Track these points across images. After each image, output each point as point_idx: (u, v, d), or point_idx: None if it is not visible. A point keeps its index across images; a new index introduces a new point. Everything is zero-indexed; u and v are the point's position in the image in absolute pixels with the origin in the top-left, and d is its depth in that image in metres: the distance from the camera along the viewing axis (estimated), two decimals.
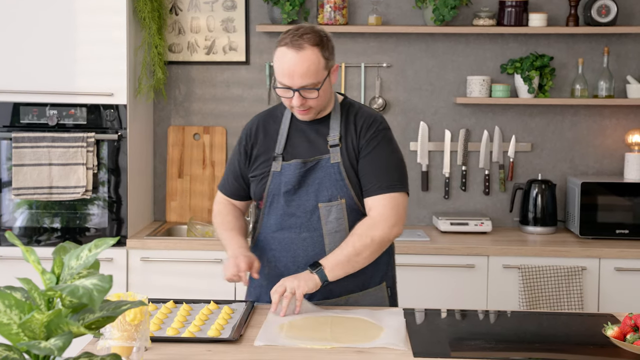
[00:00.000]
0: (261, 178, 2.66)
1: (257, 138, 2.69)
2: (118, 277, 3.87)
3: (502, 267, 3.84)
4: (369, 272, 2.66)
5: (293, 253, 2.62)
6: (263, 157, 2.67)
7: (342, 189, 2.59)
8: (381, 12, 4.33)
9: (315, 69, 2.50)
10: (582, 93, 4.25)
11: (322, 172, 2.60)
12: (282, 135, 2.66)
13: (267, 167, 2.65)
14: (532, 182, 4.23)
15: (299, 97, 2.51)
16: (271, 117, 2.73)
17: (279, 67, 2.52)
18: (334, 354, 2.11)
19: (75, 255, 1.53)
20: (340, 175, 2.59)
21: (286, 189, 2.60)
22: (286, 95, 2.54)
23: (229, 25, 4.39)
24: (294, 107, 2.56)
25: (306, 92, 2.51)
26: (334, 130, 2.63)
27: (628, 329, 2.14)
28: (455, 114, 4.40)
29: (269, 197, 2.64)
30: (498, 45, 4.36)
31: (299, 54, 2.48)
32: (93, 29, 3.88)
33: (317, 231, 2.60)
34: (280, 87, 2.53)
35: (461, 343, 2.32)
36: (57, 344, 1.42)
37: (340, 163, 2.60)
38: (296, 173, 2.59)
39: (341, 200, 2.60)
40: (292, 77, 2.49)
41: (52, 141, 3.84)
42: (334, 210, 2.59)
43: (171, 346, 2.15)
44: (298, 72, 2.48)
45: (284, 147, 2.64)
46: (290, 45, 2.49)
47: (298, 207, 2.61)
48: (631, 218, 4.03)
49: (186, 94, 4.44)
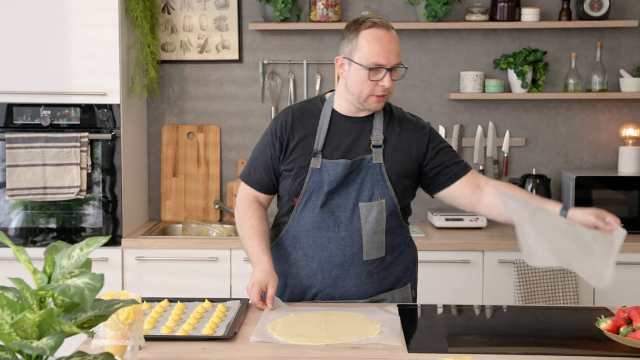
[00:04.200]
0: (296, 174, 2.60)
1: (294, 131, 2.62)
2: (113, 276, 3.87)
3: (497, 262, 3.84)
4: (399, 273, 2.67)
5: (330, 252, 2.59)
6: (299, 151, 2.61)
7: (383, 189, 2.58)
8: (374, 9, 4.33)
9: (400, 50, 2.56)
10: (575, 87, 4.26)
11: (364, 171, 2.58)
12: (322, 131, 2.60)
13: (303, 163, 2.59)
14: (526, 177, 4.23)
15: (390, 79, 2.50)
16: (307, 111, 2.66)
17: (371, 47, 2.49)
18: (329, 351, 2.11)
19: (67, 255, 1.53)
20: (382, 176, 2.58)
21: (330, 188, 2.56)
22: (377, 78, 2.50)
23: (222, 24, 4.39)
24: (378, 92, 2.52)
25: (394, 72, 2.52)
26: (378, 130, 2.61)
27: (621, 322, 2.15)
28: (449, 110, 4.40)
29: (306, 194, 2.59)
30: (491, 40, 4.37)
31: (389, 32, 2.53)
32: (85, 29, 3.88)
33: (356, 231, 2.58)
34: (373, 69, 2.49)
35: (457, 338, 2.32)
36: (49, 344, 1.42)
37: (382, 164, 2.58)
38: (342, 173, 2.56)
39: (381, 201, 2.58)
40: (389, 55, 2.49)
41: (45, 141, 3.84)
42: (374, 210, 2.58)
43: (165, 345, 2.14)
44: (393, 50, 2.51)
45: (323, 143, 2.59)
46: (379, 25, 2.52)
47: (338, 206, 2.58)
48: (626, 212, 4.03)
49: (180, 93, 4.44)
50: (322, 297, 2.62)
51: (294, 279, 2.64)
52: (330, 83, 4.38)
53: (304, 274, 2.62)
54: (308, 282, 2.62)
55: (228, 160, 4.44)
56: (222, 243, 3.90)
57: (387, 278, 2.65)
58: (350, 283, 2.60)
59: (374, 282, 2.62)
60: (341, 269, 2.59)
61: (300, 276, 2.63)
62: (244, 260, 3.85)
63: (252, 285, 2.51)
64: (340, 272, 2.59)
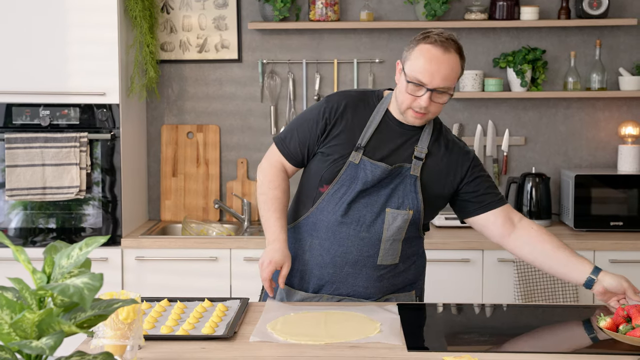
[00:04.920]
0: (332, 160, 2.56)
1: (344, 117, 2.57)
2: (113, 276, 3.87)
3: (497, 260, 3.84)
4: (408, 281, 2.66)
5: (346, 249, 2.56)
6: (341, 138, 2.57)
7: (413, 200, 2.56)
8: (373, 8, 4.33)
9: (455, 75, 2.46)
10: (574, 86, 4.26)
11: (399, 179, 2.55)
12: (371, 127, 2.57)
13: (343, 152, 2.55)
14: (526, 176, 4.23)
15: (428, 99, 2.44)
16: (362, 102, 2.61)
17: (419, 62, 2.43)
18: (329, 350, 2.11)
19: (66, 255, 1.53)
20: (415, 188, 2.56)
21: (363, 187, 2.54)
22: (416, 94, 2.46)
23: (221, 23, 4.39)
24: (416, 108, 2.47)
25: (437, 95, 2.45)
26: (423, 142, 2.58)
27: (621, 320, 2.15)
28: (448, 109, 4.40)
29: (337, 185, 2.55)
30: (490, 39, 4.37)
31: (445, 54, 2.43)
32: (84, 28, 3.88)
33: (377, 234, 2.55)
34: (413, 83, 2.45)
35: (456, 337, 2.32)
36: (48, 343, 1.42)
37: (418, 177, 2.56)
38: (380, 176, 2.53)
39: (409, 211, 2.56)
40: (433, 76, 2.42)
41: (45, 142, 3.84)
42: (400, 219, 2.55)
43: (165, 344, 2.14)
44: (441, 73, 2.42)
45: (368, 140, 2.56)
46: (439, 44, 2.43)
47: (366, 206, 2.55)
48: (625, 210, 4.04)
49: (179, 93, 4.44)
50: (329, 291, 2.60)
51: (304, 265, 2.61)
52: (329, 82, 4.38)
53: (315, 263, 2.59)
54: (318, 273, 2.59)
55: (227, 160, 4.44)
56: (221, 243, 3.89)
57: (396, 284, 2.64)
58: (360, 283, 2.59)
59: (382, 286, 2.61)
60: (354, 267, 2.58)
61: (311, 264, 2.60)
62: (243, 260, 3.85)
63: (268, 262, 2.48)
64: (353, 270, 2.58)
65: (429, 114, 2.50)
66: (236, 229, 4.30)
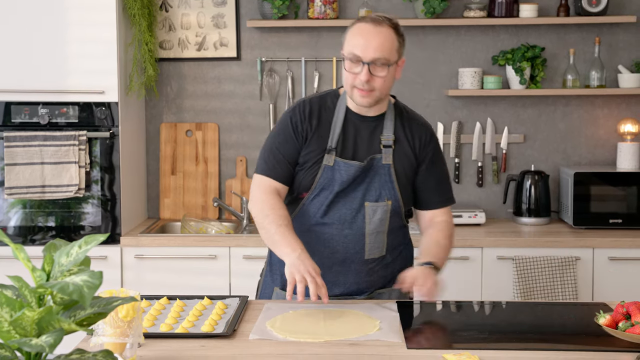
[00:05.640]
0: (309, 168, 2.58)
1: (312, 123, 2.59)
2: (112, 274, 3.87)
3: (496, 258, 3.84)
4: (398, 271, 2.65)
5: (332, 249, 2.58)
6: (314, 145, 2.58)
7: (390, 191, 2.58)
8: (371, 6, 4.33)
9: (390, 46, 2.48)
10: (573, 83, 4.26)
11: (373, 171, 2.57)
12: (337, 127, 2.58)
13: (317, 157, 2.57)
14: (525, 173, 4.23)
15: (367, 73, 2.46)
16: (323, 105, 2.63)
17: (352, 39, 2.48)
18: (328, 347, 2.11)
19: (66, 252, 1.53)
20: (390, 177, 2.58)
21: (340, 187, 2.55)
22: (354, 70, 2.48)
23: (220, 21, 4.39)
24: (357, 86, 2.49)
25: (376, 68, 2.47)
26: (388, 130, 2.60)
27: (620, 317, 2.15)
28: (447, 106, 4.40)
29: (316, 190, 2.57)
30: (489, 36, 4.36)
31: (376, 27, 2.48)
32: (83, 27, 3.87)
33: (360, 230, 2.57)
34: (350, 60, 2.47)
35: (456, 334, 2.32)
36: (48, 341, 1.42)
37: (391, 165, 2.58)
38: (354, 174, 2.55)
39: (387, 202, 2.58)
40: (366, 48, 2.45)
41: (44, 140, 3.84)
42: (379, 211, 2.57)
43: (165, 342, 2.14)
44: (373, 44, 2.45)
45: (337, 141, 2.57)
46: (370, 20, 2.50)
47: (345, 204, 2.57)
48: (624, 207, 4.04)
49: (178, 91, 4.44)
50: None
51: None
52: (328, 80, 4.38)
53: None
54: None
55: (226, 158, 4.44)
56: (221, 241, 3.89)
57: (386, 277, 2.66)
58: (350, 280, 2.61)
59: (373, 279, 2.63)
60: (342, 265, 2.60)
61: None
62: (242, 258, 3.85)
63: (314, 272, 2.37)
64: (342, 268, 2.60)
65: (375, 91, 2.51)
66: (235, 227, 4.30)
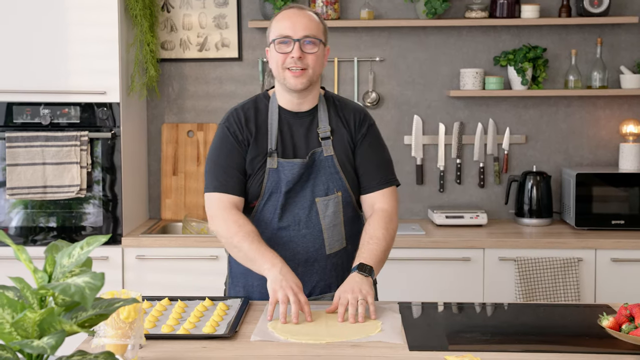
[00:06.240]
0: (254, 175, 2.57)
1: (250, 130, 2.59)
2: (114, 275, 3.86)
3: (498, 259, 3.84)
4: None
5: (292, 251, 2.58)
6: (255, 151, 2.58)
7: (337, 181, 2.59)
8: (373, 6, 4.32)
9: (317, 25, 2.54)
10: (575, 84, 4.25)
11: (317, 166, 2.58)
12: (273, 129, 2.59)
13: (260, 163, 2.57)
14: (526, 174, 4.23)
15: (299, 49, 2.49)
16: (256, 110, 2.62)
17: (279, 24, 2.53)
18: (330, 349, 2.10)
19: (67, 254, 1.53)
20: (335, 169, 2.58)
21: (288, 187, 2.55)
22: (286, 50, 2.51)
23: (221, 22, 4.39)
24: (289, 66, 2.50)
25: (306, 46, 2.51)
26: (324, 122, 2.61)
27: (623, 319, 2.14)
28: (449, 107, 4.40)
29: (266, 195, 2.58)
30: (491, 37, 4.36)
31: (301, 11, 2.55)
32: (85, 27, 3.87)
33: (317, 227, 2.58)
34: (281, 41, 2.50)
35: (458, 336, 2.32)
36: (49, 343, 1.41)
37: (333, 156, 2.58)
38: (299, 172, 2.55)
39: (337, 193, 2.59)
40: (295, 25, 2.50)
41: (45, 140, 3.84)
42: (331, 204, 2.58)
43: (166, 343, 2.14)
44: (301, 22, 2.51)
45: (276, 142, 2.58)
46: (293, 6, 2.57)
47: (296, 204, 2.57)
48: (627, 208, 4.03)
49: (179, 91, 4.44)
50: None
51: (259, 280, 2.56)
52: (330, 81, 4.38)
53: None
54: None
55: None
56: None
57: (350, 269, 2.63)
58: (316, 278, 2.61)
59: (338, 274, 2.62)
60: (306, 265, 2.59)
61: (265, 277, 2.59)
62: None
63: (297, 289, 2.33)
64: (305, 268, 2.59)
65: (308, 69, 2.52)
66: None
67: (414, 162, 4.41)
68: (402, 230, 3.97)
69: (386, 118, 4.40)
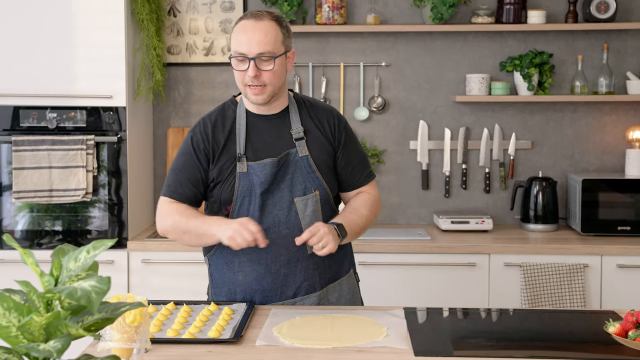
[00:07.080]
0: (225, 181, 2.57)
1: (216, 139, 2.58)
2: (119, 279, 3.86)
3: (503, 265, 3.83)
4: (340, 261, 2.70)
5: (275, 253, 2.58)
6: (223, 159, 2.57)
7: (314, 181, 2.59)
8: (379, 11, 4.33)
9: (273, 38, 2.50)
10: (581, 90, 4.25)
11: (293, 166, 2.58)
12: (241, 134, 2.59)
13: (229, 169, 2.57)
14: (532, 180, 4.22)
15: (255, 68, 2.48)
16: (223, 116, 2.63)
17: (236, 37, 2.51)
18: (335, 354, 2.10)
19: (74, 257, 1.53)
20: (310, 168, 2.59)
21: (262, 189, 2.55)
22: (242, 68, 2.51)
23: (228, 26, 4.39)
24: (247, 83, 2.51)
25: (262, 63, 2.49)
26: (296, 123, 2.61)
27: (630, 326, 2.13)
28: (455, 112, 4.40)
29: (239, 200, 2.57)
30: (497, 43, 4.36)
31: (257, 22, 2.50)
32: (91, 31, 3.88)
33: (296, 227, 2.57)
34: (237, 58, 2.50)
35: (463, 342, 2.31)
36: (55, 346, 1.41)
37: (308, 156, 2.59)
38: (271, 172, 2.55)
39: (315, 192, 2.60)
40: (249, 44, 2.47)
41: (52, 144, 3.84)
42: (310, 203, 2.59)
43: (171, 347, 2.14)
44: (255, 39, 2.47)
45: (244, 146, 2.57)
46: (250, 16, 2.53)
47: (274, 206, 2.57)
48: (633, 214, 4.02)
49: (185, 96, 4.44)
50: (274, 298, 2.61)
51: (242, 284, 2.61)
52: (335, 86, 4.38)
53: (252, 278, 2.60)
54: (258, 286, 2.60)
55: None
56: None
57: (332, 267, 2.66)
58: (300, 279, 2.61)
59: (321, 273, 2.63)
60: (288, 267, 2.60)
61: (249, 281, 2.61)
62: None
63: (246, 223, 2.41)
64: (289, 269, 2.60)
65: (267, 86, 2.52)
66: None
67: (419, 167, 4.41)
68: (408, 235, 3.97)
69: (392, 123, 4.40)
